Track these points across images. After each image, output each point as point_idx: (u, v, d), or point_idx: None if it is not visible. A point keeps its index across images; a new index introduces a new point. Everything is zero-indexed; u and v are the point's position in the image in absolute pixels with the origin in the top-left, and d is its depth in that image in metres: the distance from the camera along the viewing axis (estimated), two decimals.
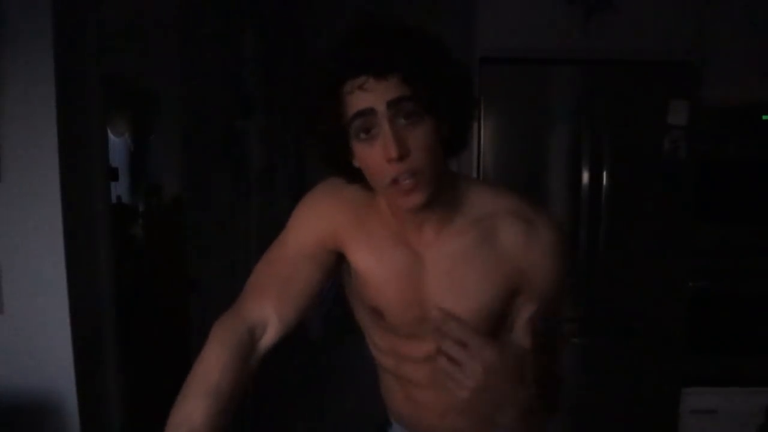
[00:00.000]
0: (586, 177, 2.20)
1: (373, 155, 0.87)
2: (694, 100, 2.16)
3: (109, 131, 2.17)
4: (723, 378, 2.33)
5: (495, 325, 0.97)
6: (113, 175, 2.53)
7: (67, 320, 1.62)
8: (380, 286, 1.00)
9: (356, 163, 0.93)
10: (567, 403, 2.43)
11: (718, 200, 2.29)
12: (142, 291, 2.66)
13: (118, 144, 3.07)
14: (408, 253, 0.98)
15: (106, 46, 1.85)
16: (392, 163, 0.85)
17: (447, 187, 0.95)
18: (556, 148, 2.23)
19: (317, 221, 1.01)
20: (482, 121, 2.21)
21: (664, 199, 2.23)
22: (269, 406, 3.10)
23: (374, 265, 1.00)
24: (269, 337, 0.99)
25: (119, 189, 3.02)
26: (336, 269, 1.04)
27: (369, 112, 0.85)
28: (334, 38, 0.90)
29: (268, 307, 0.98)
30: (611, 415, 2.32)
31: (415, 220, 0.96)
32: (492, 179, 2.21)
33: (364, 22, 0.88)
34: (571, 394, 2.33)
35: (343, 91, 0.87)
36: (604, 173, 2.19)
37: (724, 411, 2.31)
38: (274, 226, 1.07)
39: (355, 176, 0.95)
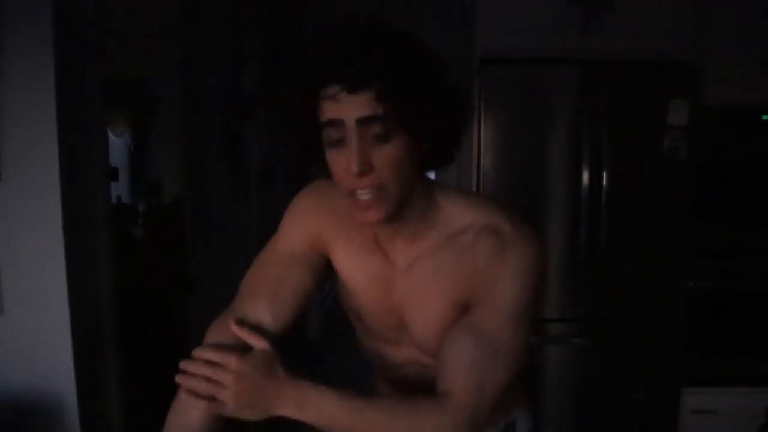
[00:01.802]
0: (586, 177, 2.20)
1: (339, 163, 0.86)
2: (694, 100, 2.16)
3: (109, 131, 2.17)
4: (723, 378, 2.33)
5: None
6: (113, 175, 2.53)
7: (67, 320, 1.62)
8: (357, 291, 1.01)
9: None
10: (567, 403, 2.44)
11: (718, 200, 2.29)
12: (142, 291, 2.66)
13: (118, 144, 3.07)
14: (383, 261, 0.98)
15: (106, 46, 1.85)
16: (353, 177, 0.85)
17: (421, 201, 0.93)
18: (556, 148, 2.23)
19: (304, 224, 1.02)
20: (482, 121, 2.21)
21: (664, 199, 2.23)
22: None
23: (352, 269, 1.01)
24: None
25: (119, 189, 3.02)
26: (327, 271, 1.05)
27: (338, 123, 0.84)
28: (322, 37, 0.89)
29: (261, 309, 0.98)
30: (611, 415, 2.32)
31: (386, 230, 0.95)
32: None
33: (349, 28, 0.86)
34: (570, 394, 2.34)
35: (320, 94, 0.86)
36: (604, 173, 2.19)
37: (724, 411, 2.30)
38: (274, 226, 1.07)
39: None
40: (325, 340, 4.36)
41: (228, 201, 3.10)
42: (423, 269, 0.95)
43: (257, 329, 0.98)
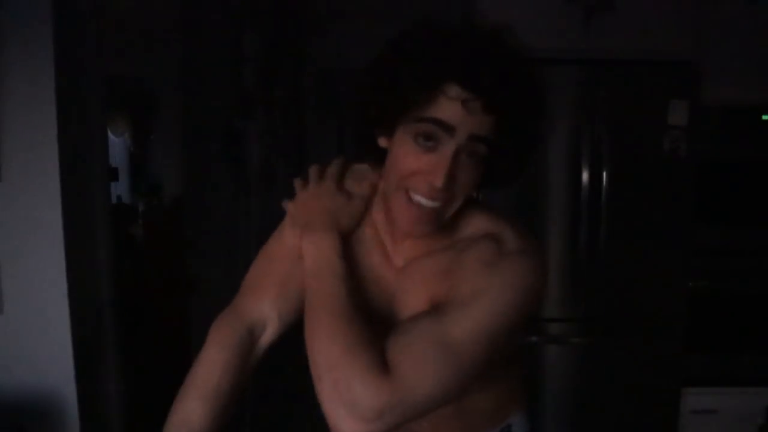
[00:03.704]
0: (586, 177, 2.20)
1: (416, 162, 0.81)
2: (694, 100, 2.16)
3: (109, 131, 2.17)
4: (723, 378, 2.33)
5: None
6: (113, 175, 2.53)
7: (67, 320, 1.62)
8: (356, 287, 0.98)
9: (382, 144, 0.88)
10: (567, 403, 2.43)
11: (718, 200, 2.28)
12: (142, 291, 2.66)
13: (118, 144, 3.07)
14: (383, 260, 0.97)
15: (106, 46, 1.85)
16: (428, 185, 0.81)
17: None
18: (556, 148, 2.23)
19: None
20: None
21: (664, 199, 2.22)
22: (269, 406, 3.10)
23: (353, 266, 0.97)
24: (269, 335, 0.98)
25: (119, 189, 3.02)
26: None
27: (447, 129, 0.78)
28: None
29: (267, 306, 0.97)
30: (611, 415, 2.32)
31: (399, 234, 0.93)
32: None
33: (489, 31, 0.85)
34: (570, 394, 2.34)
35: (443, 85, 0.78)
36: (604, 173, 2.19)
37: (724, 411, 2.30)
38: (273, 226, 1.06)
39: (371, 154, 0.91)
40: None
41: (228, 201, 3.10)
42: (414, 269, 0.94)
43: (261, 330, 0.98)
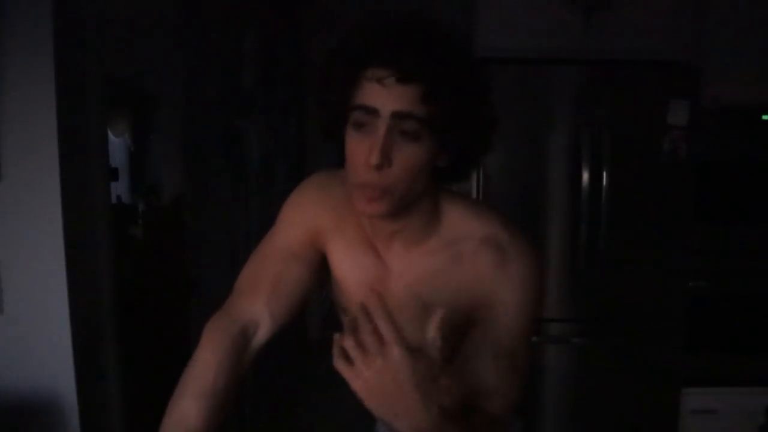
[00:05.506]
0: (586, 177, 2.20)
1: (358, 150, 0.85)
2: (694, 100, 2.16)
3: (109, 131, 2.17)
4: (723, 378, 2.33)
5: (446, 350, 0.96)
6: (113, 175, 2.53)
7: (67, 320, 1.62)
8: (349, 290, 1.01)
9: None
10: (567, 403, 2.43)
11: (717, 200, 2.29)
12: (142, 291, 2.66)
13: (118, 144, 3.07)
14: (377, 261, 0.98)
15: (106, 46, 1.85)
16: (368, 168, 0.83)
17: (427, 208, 0.93)
18: (556, 148, 2.23)
19: (303, 219, 1.01)
20: None
21: (664, 199, 2.22)
22: (269, 406, 3.10)
23: (346, 268, 1.00)
24: (261, 335, 0.99)
25: (119, 189, 3.02)
26: (324, 267, 1.04)
27: (371, 111, 0.83)
28: (338, 36, 0.87)
29: (260, 306, 0.98)
30: (611, 415, 2.32)
31: (384, 231, 0.95)
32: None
33: (406, 16, 0.85)
34: (570, 394, 2.34)
35: (363, 73, 0.84)
36: (604, 173, 2.19)
37: (724, 411, 2.31)
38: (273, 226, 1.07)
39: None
40: (325, 339, 4.37)
41: (228, 201, 3.10)
42: (420, 273, 0.95)
43: (254, 330, 0.98)
